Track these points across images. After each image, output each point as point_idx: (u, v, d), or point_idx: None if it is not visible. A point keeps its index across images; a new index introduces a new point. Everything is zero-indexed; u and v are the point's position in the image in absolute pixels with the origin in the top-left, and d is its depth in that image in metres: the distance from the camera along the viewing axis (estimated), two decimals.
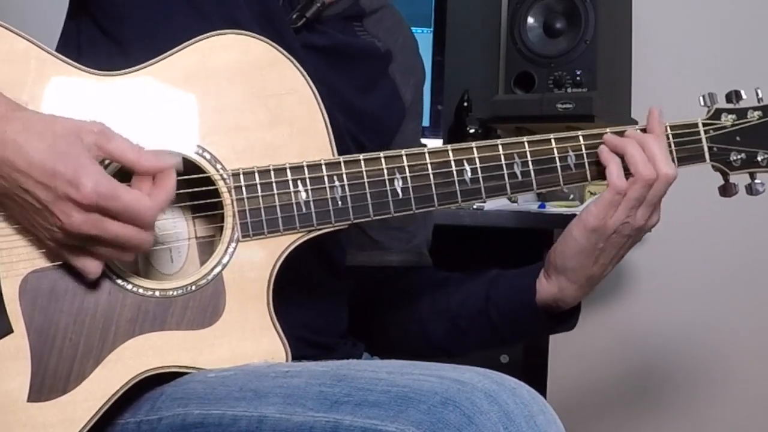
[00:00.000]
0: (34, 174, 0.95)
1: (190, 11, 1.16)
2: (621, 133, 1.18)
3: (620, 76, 2.09)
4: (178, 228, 1.11)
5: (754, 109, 1.22)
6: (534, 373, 1.98)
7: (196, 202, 1.08)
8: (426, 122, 2.11)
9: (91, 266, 1.00)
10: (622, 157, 1.16)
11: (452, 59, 2.16)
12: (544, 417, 0.92)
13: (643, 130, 1.19)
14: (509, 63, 2.04)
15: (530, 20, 2.02)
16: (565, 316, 1.28)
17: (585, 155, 1.17)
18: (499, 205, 1.88)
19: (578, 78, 1.94)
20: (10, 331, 0.99)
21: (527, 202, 1.96)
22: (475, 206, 1.85)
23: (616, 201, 1.15)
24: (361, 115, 1.27)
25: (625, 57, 2.12)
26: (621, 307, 2.33)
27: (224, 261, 1.06)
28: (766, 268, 2.23)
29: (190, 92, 1.07)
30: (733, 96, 1.22)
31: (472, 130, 2.13)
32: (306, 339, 1.20)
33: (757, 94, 1.23)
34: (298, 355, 1.09)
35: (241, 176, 1.06)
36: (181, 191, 1.06)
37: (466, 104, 2.17)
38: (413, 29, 2.16)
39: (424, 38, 2.14)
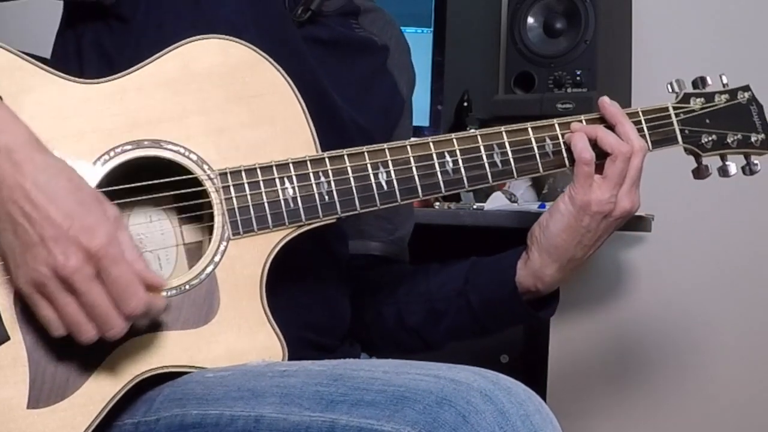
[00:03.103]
0: (51, 209, 0.92)
1: (195, 21, 1.17)
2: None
3: (620, 76, 2.09)
4: (165, 235, 1.11)
5: (721, 93, 1.26)
6: (534, 373, 1.98)
7: (183, 204, 1.09)
8: (426, 122, 2.11)
9: (54, 325, 0.95)
10: (594, 143, 1.18)
11: (452, 59, 2.16)
12: (540, 416, 0.92)
13: (600, 120, 1.22)
14: (509, 63, 2.04)
15: (530, 20, 2.02)
16: (544, 303, 1.28)
17: (562, 142, 1.19)
18: (499, 205, 1.88)
19: (578, 78, 1.94)
20: (7, 338, 0.99)
21: (527, 203, 1.96)
22: (474, 206, 1.85)
23: (587, 173, 1.17)
24: (365, 106, 1.29)
25: (625, 57, 2.12)
26: (621, 307, 2.33)
27: (216, 259, 1.06)
28: (765, 265, 2.23)
29: (174, 96, 1.08)
30: (699, 82, 1.26)
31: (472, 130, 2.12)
32: (310, 341, 1.20)
33: (722, 80, 1.27)
34: (299, 357, 1.09)
35: (228, 176, 1.07)
36: (169, 193, 1.07)
37: (466, 104, 2.17)
38: (413, 29, 2.17)
39: (424, 38, 2.14)
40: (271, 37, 1.18)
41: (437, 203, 1.88)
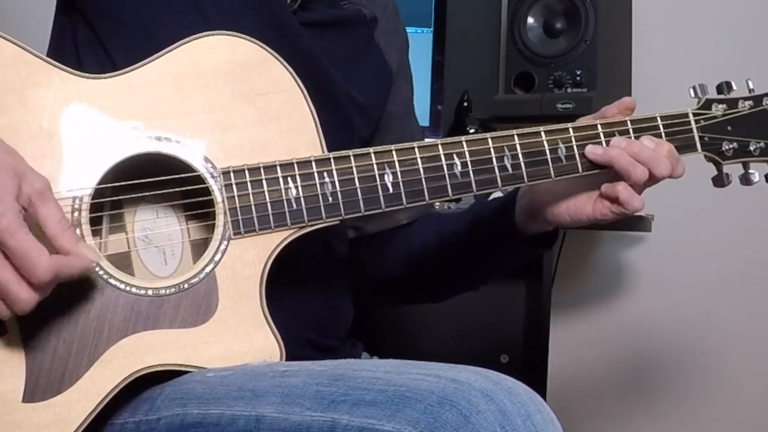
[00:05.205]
0: None
1: (187, 7, 1.18)
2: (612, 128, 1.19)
3: (620, 76, 2.09)
4: (171, 231, 1.11)
5: (745, 99, 1.22)
6: (534, 373, 1.98)
7: (187, 201, 1.08)
8: (426, 122, 2.11)
9: None
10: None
11: (452, 59, 2.16)
12: (541, 416, 0.92)
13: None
14: (509, 63, 2.04)
15: (530, 20, 2.02)
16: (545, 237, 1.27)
17: (575, 147, 1.16)
18: None
19: (578, 78, 1.94)
20: (4, 332, 0.98)
21: None
22: None
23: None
24: (359, 81, 1.30)
25: (625, 57, 2.12)
26: (620, 307, 2.33)
27: (216, 259, 1.05)
28: (765, 266, 2.23)
29: (180, 92, 1.07)
30: (724, 87, 1.22)
31: (472, 130, 2.12)
32: (311, 341, 1.20)
33: (748, 85, 1.22)
34: (300, 357, 1.08)
35: (232, 174, 1.06)
36: (173, 190, 1.06)
37: (466, 104, 2.17)
38: (413, 29, 2.16)
39: (424, 38, 2.14)
40: (268, 24, 1.18)
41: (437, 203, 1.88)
